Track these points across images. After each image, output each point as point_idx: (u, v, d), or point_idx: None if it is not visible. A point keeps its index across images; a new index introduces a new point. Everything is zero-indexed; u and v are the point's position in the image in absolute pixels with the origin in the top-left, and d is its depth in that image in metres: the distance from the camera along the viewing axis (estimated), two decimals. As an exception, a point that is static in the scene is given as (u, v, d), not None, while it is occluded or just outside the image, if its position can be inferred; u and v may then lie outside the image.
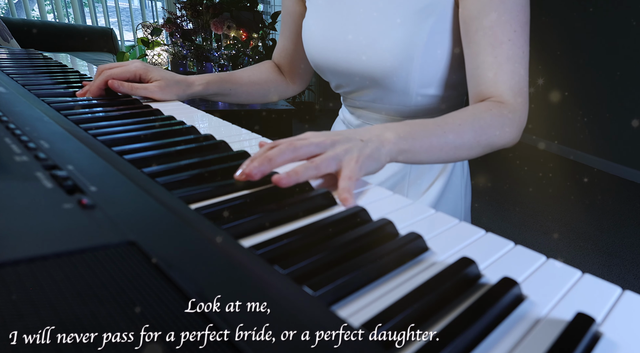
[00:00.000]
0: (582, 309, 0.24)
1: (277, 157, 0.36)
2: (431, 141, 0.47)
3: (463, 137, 0.49)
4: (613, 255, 1.95)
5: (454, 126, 0.49)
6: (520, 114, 0.54)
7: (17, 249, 0.21)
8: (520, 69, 0.54)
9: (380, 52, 0.60)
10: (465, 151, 0.51)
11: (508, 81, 0.53)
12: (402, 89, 0.62)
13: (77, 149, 0.37)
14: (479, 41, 0.54)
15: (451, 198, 0.71)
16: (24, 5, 3.17)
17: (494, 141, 0.52)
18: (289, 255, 0.26)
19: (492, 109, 0.52)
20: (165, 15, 2.67)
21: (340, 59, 0.65)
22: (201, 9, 2.38)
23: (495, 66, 0.53)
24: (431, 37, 0.58)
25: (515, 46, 0.53)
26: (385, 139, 0.44)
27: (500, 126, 0.52)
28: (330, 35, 0.65)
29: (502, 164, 3.00)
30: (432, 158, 0.49)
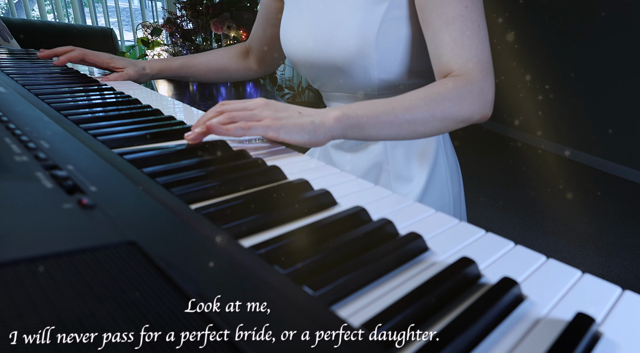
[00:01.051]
0: (582, 309, 0.24)
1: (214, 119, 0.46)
2: (378, 117, 0.50)
3: (414, 111, 0.51)
4: (613, 255, 1.95)
5: (404, 101, 0.51)
6: (480, 85, 0.54)
7: (17, 249, 0.21)
8: (476, 41, 0.55)
9: (339, 40, 0.63)
10: (421, 125, 0.52)
11: (464, 54, 0.54)
12: (362, 75, 0.65)
13: (77, 149, 0.37)
14: (434, 22, 0.56)
15: (437, 188, 0.72)
16: (24, 5, 3.17)
17: (452, 114, 0.53)
18: (289, 255, 0.26)
19: (447, 83, 0.53)
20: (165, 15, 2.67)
21: (309, 51, 0.68)
22: (201, 9, 2.38)
23: (451, 43, 0.55)
24: (384, 23, 0.60)
25: (469, 20, 0.54)
26: (328, 117, 0.48)
27: (457, 98, 0.53)
28: (300, 30, 0.69)
29: (502, 164, 3.00)
30: (384, 133, 0.51)
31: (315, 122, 0.47)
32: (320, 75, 0.71)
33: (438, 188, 0.72)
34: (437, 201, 0.72)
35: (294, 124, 0.46)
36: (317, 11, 0.66)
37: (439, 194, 0.72)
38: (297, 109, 0.48)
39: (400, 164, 0.71)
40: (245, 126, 0.45)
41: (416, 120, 0.51)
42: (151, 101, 0.68)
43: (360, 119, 0.49)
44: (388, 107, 0.51)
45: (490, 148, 3.35)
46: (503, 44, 3.33)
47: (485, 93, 0.55)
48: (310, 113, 0.48)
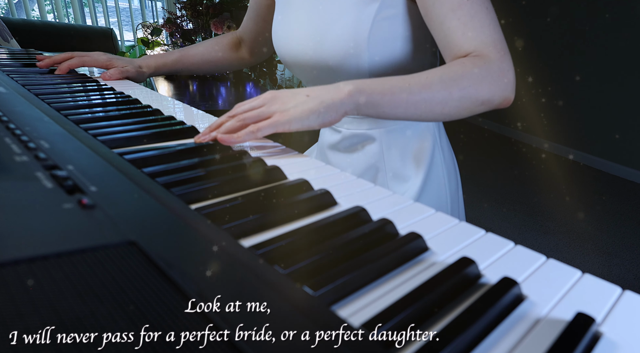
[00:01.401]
0: (582, 309, 0.24)
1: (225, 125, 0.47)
2: (394, 93, 0.48)
3: (431, 88, 0.49)
4: (613, 255, 1.95)
5: (421, 79, 0.49)
6: (499, 64, 0.52)
7: (17, 249, 0.21)
8: (487, 22, 0.53)
9: (330, 41, 0.62)
10: (438, 105, 0.49)
11: (478, 36, 0.53)
12: (356, 76, 0.64)
13: (77, 149, 0.37)
14: (439, 11, 0.54)
15: (434, 186, 0.71)
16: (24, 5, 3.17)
17: (471, 93, 0.50)
18: (289, 255, 0.26)
19: (465, 62, 0.51)
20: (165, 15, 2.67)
21: (300, 52, 0.67)
22: (201, 9, 2.38)
23: (462, 27, 0.53)
24: (376, 23, 0.60)
25: (476, 4, 0.53)
26: (340, 91, 0.46)
27: (476, 77, 0.50)
28: (290, 30, 0.68)
29: (502, 164, 3.00)
30: (399, 111, 0.48)
31: (326, 102, 0.45)
32: (313, 76, 0.70)
33: (435, 186, 0.72)
34: (435, 199, 0.72)
35: (302, 111, 0.45)
36: (307, 12, 0.65)
37: (436, 192, 0.72)
38: (305, 92, 0.47)
39: (397, 164, 0.71)
40: (255, 129, 0.45)
41: (433, 99, 0.49)
42: (151, 101, 0.68)
43: (374, 95, 0.47)
44: (404, 84, 0.48)
45: (490, 148, 3.35)
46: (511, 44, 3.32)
47: (505, 73, 0.52)
48: (319, 93, 0.46)
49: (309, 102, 0.45)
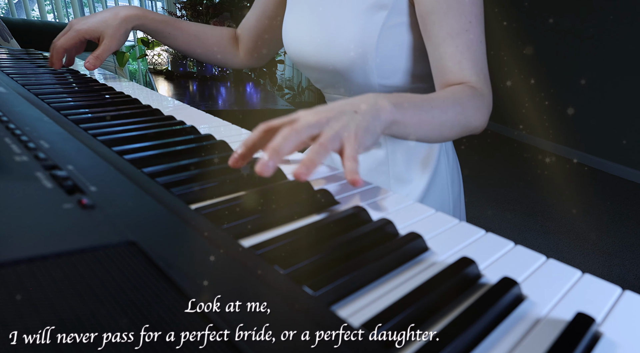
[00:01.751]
0: (582, 309, 0.24)
1: (284, 146, 0.34)
2: (420, 115, 0.47)
3: (447, 113, 0.50)
4: (613, 255, 1.95)
5: (439, 101, 0.50)
6: (487, 99, 0.56)
7: (17, 249, 0.21)
8: (480, 56, 0.56)
9: (338, 46, 0.63)
10: (447, 129, 0.50)
11: (472, 68, 0.55)
12: (364, 81, 0.64)
13: (77, 149, 0.37)
14: (438, 33, 0.56)
15: (437, 190, 0.72)
16: (24, 5, 3.17)
17: (470, 122, 0.53)
18: (289, 255, 0.26)
19: (467, 91, 0.54)
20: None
21: (309, 54, 0.67)
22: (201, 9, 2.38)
23: (458, 55, 0.55)
24: (385, 30, 0.60)
25: (473, 35, 0.55)
26: (381, 107, 0.42)
27: (476, 108, 0.53)
28: (302, 31, 0.68)
29: (502, 164, 3.00)
30: (419, 132, 0.48)
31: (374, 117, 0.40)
32: (322, 77, 0.71)
33: (439, 191, 0.72)
34: (437, 203, 0.72)
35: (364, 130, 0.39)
36: (317, 14, 0.66)
37: (440, 196, 0.72)
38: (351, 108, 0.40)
39: (401, 168, 0.71)
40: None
41: (446, 123, 0.50)
42: (151, 101, 0.68)
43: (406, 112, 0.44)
44: (428, 106, 0.48)
45: (490, 149, 3.35)
46: (506, 47, 3.33)
47: (490, 106, 0.56)
48: (364, 108, 0.41)
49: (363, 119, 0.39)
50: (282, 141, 0.34)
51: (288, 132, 0.35)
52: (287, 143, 0.35)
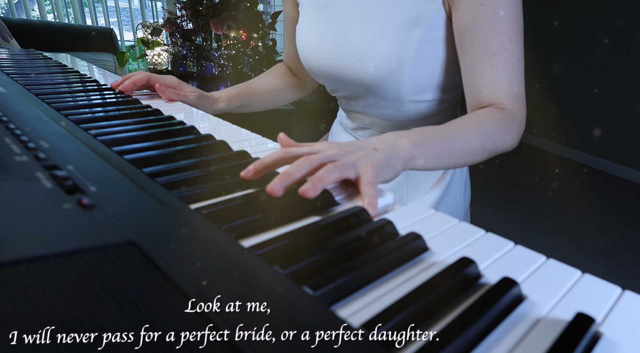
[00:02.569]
0: (582, 309, 0.24)
1: (297, 172, 0.36)
2: (442, 147, 0.48)
3: (470, 142, 0.50)
4: (613, 255, 1.95)
5: (462, 132, 0.50)
6: (520, 120, 0.55)
7: (17, 249, 0.21)
8: (516, 76, 0.55)
9: (370, 61, 0.61)
10: (472, 156, 0.51)
11: (506, 89, 0.54)
12: (394, 96, 0.63)
13: (77, 149, 0.37)
14: (475, 51, 0.55)
15: (450, 200, 0.71)
16: (24, 5, 3.17)
17: (498, 146, 0.53)
18: (289, 255, 0.26)
19: (495, 115, 0.53)
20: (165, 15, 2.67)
21: (332, 66, 0.66)
22: (201, 9, 2.38)
23: (493, 75, 0.54)
24: (421, 46, 0.59)
25: (511, 54, 0.54)
26: (399, 147, 0.44)
27: (504, 132, 0.53)
28: (322, 42, 0.66)
29: (502, 164, 3.00)
30: (442, 163, 0.49)
31: (392, 155, 0.42)
32: (343, 89, 0.69)
33: (452, 200, 0.72)
34: (450, 210, 0.72)
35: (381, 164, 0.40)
36: (342, 25, 0.63)
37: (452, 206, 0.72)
38: (371, 146, 0.42)
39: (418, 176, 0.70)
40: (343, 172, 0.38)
41: (470, 151, 0.50)
42: (151, 101, 0.68)
43: (426, 148, 0.46)
44: (449, 137, 0.49)
45: (490, 148, 3.34)
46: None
47: (522, 126, 0.56)
48: (383, 146, 0.43)
49: (382, 155, 0.41)
50: (297, 168, 0.36)
51: (304, 161, 0.37)
52: (301, 169, 0.36)
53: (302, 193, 0.33)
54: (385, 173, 0.40)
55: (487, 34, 0.53)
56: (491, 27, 0.53)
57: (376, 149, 0.42)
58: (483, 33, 0.53)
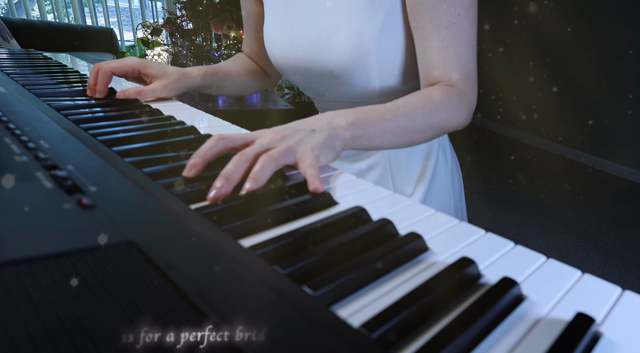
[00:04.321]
0: (582, 309, 0.24)
1: (235, 174, 0.35)
2: (384, 126, 0.48)
3: (415, 121, 0.51)
4: (613, 255, 1.95)
5: (406, 110, 0.50)
6: (469, 97, 0.55)
7: (17, 249, 0.21)
8: (466, 52, 0.55)
9: (335, 48, 0.61)
10: (419, 134, 0.52)
11: (455, 64, 0.55)
12: (363, 83, 0.63)
13: (77, 149, 0.37)
14: (425, 26, 0.55)
15: (437, 193, 0.71)
16: (24, 5, 3.17)
17: (445, 124, 0.53)
18: (289, 255, 0.26)
19: (442, 93, 0.53)
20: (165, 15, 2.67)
21: (300, 59, 0.66)
22: (201, 9, 2.38)
23: (443, 50, 0.54)
24: (384, 29, 0.59)
25: (461, 29, 0.54)
26: (337, 126, 0.44)
27: (451, 110, 0.53)
28: (289, 37, 0.66)
29: (502, 164, 3.00)
30: (386, 142, 0.49)
31: (332, 135, 0.42)
32: (314, 83, 0.68)
33: (439, 191, 0.72)
34: (438, 204, 0.72)
35: (321, 146, 0.40)
36: (306, 16, 0.63)
37: (440, 197, 0.72)
38: (307, 126, 0.42)
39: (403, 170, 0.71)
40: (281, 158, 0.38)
41: (415, 129, 0.51)
42: (151, 101, 0.68)
43: (367, 128, 0.46)
44: (391, 116, 0.49)
45: (490, 148, 3.35)
46: (507, 46, 3.33)
47: (471, 104, 0.56)
48: (321, 126, 0.42)
49: (321, 136, 0.41)
50: (234, 169, 0.35)
51: (239, 159, 0.36)
52: (238, 170, 0.36)
53: (247, 191, 0.34)
54: (325, 154, 0.40)
55: (437, 8, 0.54)
56: (441, 1, 0.53)
57: (314, 130, 0.42)
58: (433, 7, 0.54)
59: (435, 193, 0.71)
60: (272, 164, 0.36)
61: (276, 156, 0.37)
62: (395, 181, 0.71)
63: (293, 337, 0.18)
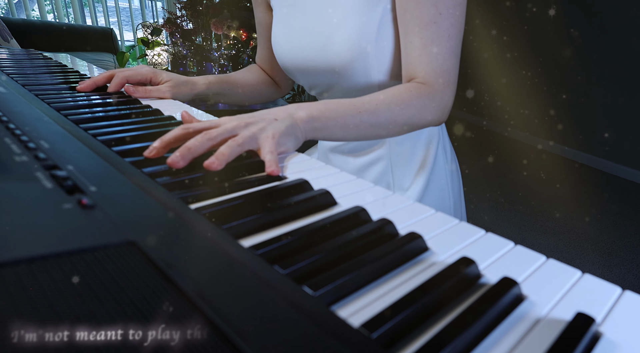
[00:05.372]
0: (582, 309, 0.24)
1: (197, 148, 0.38)
2: (345, 120, 0.50)
3: (379, 116, 0.52)
4: (613, 255, 1.95)
5: (370, 105, 0.52)
6: (441, 96, 0.55)
7: (17, 249, 0.21)
8: (444, 51, 0.55)
9: (336, 45, 0.62)
10: (384, 129, 0.53)
11: (431, 63, 0.55)
12: (364, 80, 0.64)
13: (77, 149, 0.37)
14: (408, 22, 0.56)
15: (436, 192, 0.72)
16: (24, 5, 3.17)
17: (413, 121, 0.54)
18: (289, 255, 0.26)
19: (412, 90, 0.54)
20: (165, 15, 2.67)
21: (304, 59, 0.67)
22: (201, 9, 2.38)
23: (421, 47, 0.55)
24: (381, 25, 0.60)
25: (441, 28, 0.54)
26: (298, 118, 0.47)
27: (420, 107, 0.54)
28: (294, 37, 0.68)
29: (502, 164, 3.00)
30: (350, 135, 0.52)
31: (293, 125, 0.46)
32: (318, 82, 0.70)
33: (438, 191, 0.72)
34: (437, 203, 0.72)
35: (281, 133, 0.43)
36: (309, 18, 0.65)
37: (439, 196, 0.72)
38: (270, 116, 0.45)
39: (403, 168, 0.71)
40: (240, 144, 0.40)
41: (379, 124, 0.52)
42: (151, 101, 0.68)
43: (327, 121, 0.49)
44: (355, 111, 0.51)
45: (490, 148, 3.35)
46: (508, 45, 3.33)
47: (445, 102, 0.56)
48: (283, 116, 0.46)
49: (282, 124, 0.44)
50: (197, 144, 0.38)
51: (203, 137, 0.39)
52: (202, 145, 0.39)
53: (206, 166, 0.36)
54: (285, 141, 0.44)
55: (420, 5, 0.54)
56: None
57: (276, 119, 0.45)
58: (416, 4, 0.55)
59: (434, 188, 0.71)
60: (238, 149, 0.39)
61: (241, 141, 0.40)
62: (395, 177, 0.71)
63: (293, 336, 0.18)
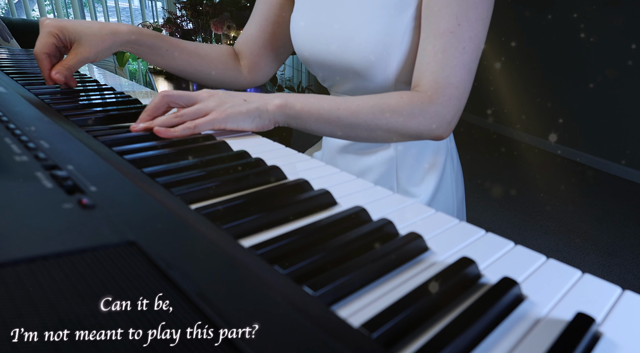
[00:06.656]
0: (582, 309, 0.24)
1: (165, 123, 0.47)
2: (321, 113, 0.52)
3: (358, 117, 0.52)
4: (613, 255, 1.95)
5: (352, 105, 0.53)
6: (438, 108, 0.53)
7: (17, 249, 0.21)
8: (454, 63, 0.53)
9: (359, 44, 0.61)
10: (365, 131, 0.53)
11: (436, 73, 0.53)
12: (382, 80, 0.63)
13: (77, 149, 0.37)
14: (426, 28, 0.56)
15: (442, 196, 0.71)
16: (24, 5, 3.17)
17: (397, 128, 0.53)
18: (289, 255, 0.26)
19: (403, 97, 0.53)
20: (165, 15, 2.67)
21: (324, 51, 0.66)
22: (201, 9, 2.38)
23: (431, 55, 0.54)
24: (408, 29, 0.59)
25: (456, 39, 0.53)
26: (271, 103, 0.50)
27: (407, 115, 0.52)
28: (316, 29, 0.67)
29: (502, 164, 3.00)
30: (326, 130, 0.53)
31: (260, 108, 0.49)
32: (334, 76, 0.69)
33: (444, 197, 0.72)
34: (442, 208, 0.72)
35: (239, 112, 0.48)
36: (334, 13, 0.64)
37: (444, 202, 0.72)
38: (243, 97, 0.50)
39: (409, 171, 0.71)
40: (192, 125, 0.47)
41: (358, 125, 0.53)
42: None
43: (301, 111, 0.51)
44: (333, 107, 0.52)
45: (490, 148, 3.35)
46: (508, 45, 3.33)
47: (441, 116, 0.53)
48: (254, 99, 0.50)
49: (246, 105, 0.49)
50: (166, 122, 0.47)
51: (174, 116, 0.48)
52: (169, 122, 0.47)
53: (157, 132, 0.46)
54: (238, 120, 0.49)
55: (440, 13, 0.54)
56: (445, 7, 0.53)
57: (245, 100, 0.50)
58: (437, 11, 0.54)
59: (441, 195, 0.71)
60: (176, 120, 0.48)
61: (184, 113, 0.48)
62: (400, 181, 0.71)
63: (293, 336, 0.18)
